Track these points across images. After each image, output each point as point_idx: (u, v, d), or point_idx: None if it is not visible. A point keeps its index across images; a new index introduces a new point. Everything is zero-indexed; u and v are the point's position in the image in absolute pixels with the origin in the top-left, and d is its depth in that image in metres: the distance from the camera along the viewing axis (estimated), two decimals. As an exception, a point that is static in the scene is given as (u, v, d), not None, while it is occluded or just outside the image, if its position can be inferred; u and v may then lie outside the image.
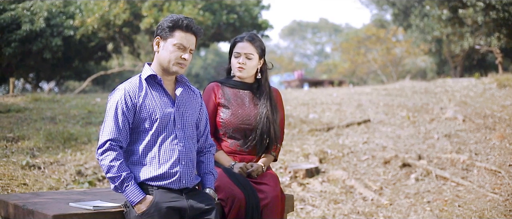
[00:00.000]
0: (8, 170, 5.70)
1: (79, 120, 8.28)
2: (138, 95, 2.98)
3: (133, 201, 2.88)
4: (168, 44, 3.00)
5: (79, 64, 20.38)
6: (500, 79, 12.76)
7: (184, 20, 3.01)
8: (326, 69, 37.07)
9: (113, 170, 2.87)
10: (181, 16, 3.03)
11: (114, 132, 2.91)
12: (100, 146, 2.91)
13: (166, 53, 3.00)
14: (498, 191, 6.08)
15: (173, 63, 3.01)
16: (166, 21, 3.02)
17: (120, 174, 2.88)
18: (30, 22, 15.88)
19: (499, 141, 7.72)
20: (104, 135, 2.92)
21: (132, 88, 2.99)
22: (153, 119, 2.97)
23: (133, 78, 3.06)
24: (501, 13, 14.34)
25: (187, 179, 3.03)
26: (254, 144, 3.57)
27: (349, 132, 8.65)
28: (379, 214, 5.72)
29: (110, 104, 2.99)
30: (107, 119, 2.95)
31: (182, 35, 3.00)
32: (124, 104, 2.95)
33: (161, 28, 3.02)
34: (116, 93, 3.00)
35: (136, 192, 2.89)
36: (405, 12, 24.56)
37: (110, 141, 2.90)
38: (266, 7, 19.62)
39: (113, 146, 2.90)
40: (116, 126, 2.92)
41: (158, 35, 3.03)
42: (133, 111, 2.97)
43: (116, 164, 2.88)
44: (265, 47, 3.67)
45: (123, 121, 2.94)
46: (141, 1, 17.04)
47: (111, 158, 2.88)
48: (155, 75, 3.03)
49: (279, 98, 3.72)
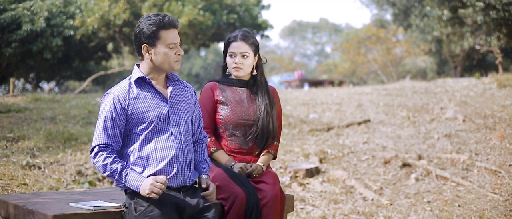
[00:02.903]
0: (8, 170, 5.70)
1: (79, 120, 8.28)
2: (128, 98, 2.99)
3: (137, 187, 2.89)
4: (160, 48, 2.98)
5: (79, 64, 20.38)
6: (500, 79, 12.76)
7: (163, 19, 2.98)
8: (326, 69, 37.07)
9: (108, 167, 2.91)
10: (157, 16, 2.99)
11: (103, 138, 2.95)
12: (91, 150, 2.97)
13: (161, 57, 2.99)
14: (498, 191, 6.08)
15: (171, 63, 3.01)
16: (146, 27, 2.97)
17: (115, 168, 2.91)
18: (30, 22, 15.89)
19: (499, 141, 7.72)
20: (94, 140, 2.97)
21: (121, 93, 3.00)
22: (146, 120, 2.97)
23: (123, 82, 3.07)
24: (501, 13, 14.33)
25: (185, 176, 3.03)
26: (254, 140, 3.57)
27: (349, 132, 8.65)
28: (379, 214, 5.72)
29: (101, 109, 3.01)
30: (98, 125, 2.98)
31: (168, 34, 2.99)
32: (114, 110, 2.96)
33: (144, 36, 2.97)
34: (106, 99, 3.01)
35: (137, 177, 2.91)
36: (405, 12, 24.56)
37: (98, 146, 2.95)
38: (266, 7, 19.62)
39: (102, 148, 2.94)
40: (105, 132, 2.95)
41: (144, 43, 2.99)
42: (124, 115, 2.98)
43: (109, 160, 2.92)
44: (258, 43, 3.66)
45: (112, 126, 2.96)
46: (141, 1, 17.04)
47: (103, 157, 2.92)
48: (144, 77, 3.03)
49: (276, 95, 3.72)
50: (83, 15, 16.92)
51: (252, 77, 3.66)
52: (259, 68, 3.66)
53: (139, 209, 2.90)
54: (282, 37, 56.73)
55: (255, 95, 3.62)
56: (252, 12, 18.87)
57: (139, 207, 2.90)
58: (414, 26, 23.62)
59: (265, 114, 3.57)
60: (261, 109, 3.58)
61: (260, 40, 21.30)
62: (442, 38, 21.21)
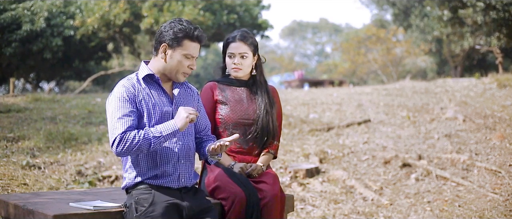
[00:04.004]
0: (8, 170, 5.70)
1: (79, 120, 8.28)
2: (137, 92, 2.96)
3: (175, 127, 2.86)
4: (177, 54, 2.96)
5: (79, 64, 20.39)
6: (500, 79, 12.76)
7: (194, 31, 2.96)
8: (326, 69, 37.05)
9: (137, 138, 2.82)
10: (189, 25, 2.97)
11: (123, 125, 2.85)
12: (113, 141, 2.85)
13: (174, 63, 2.97)
14: (498, 191, 6.08)
15: (180, 73, 2.99)
16: (174, 29, 2.94)
17: (146, 132, 2.84)
18: (30, 22, 15.89)
19: (499, 141, 7.72)
20: (115, 131, 2.84)
21: (130, 85, 2.96)
22: (151, 117, 2.95)
23: (131, 76, 3.03)
24: (501, 13, 14.33)
25: (186, 178, 3.03)
26: (254, 140, 3.57)
27: (349, 132, 8.65)
28: (379, 214, 5.72)
29: (111, 102, 2.93)
30: (114, 114, 2.88)
31: (192, 45, 2.97)
32: (126, 94, 2.91)
33: (169, 37, 2.95)
34: (116, 89, 2.95)
35: (167, 123, 2.87)
36: (405, 12, 24.57)
37: (119, 135, 2.83)
38: (266, 7, 19.63)
39: (123, 134, 2.84)
40: (122, 117, 2.86)
41: (166, 43, 2.96)
42: (134, 102, 2.93)
43: (134, 133, 2.83)
44: (257, 43, 3.65)
45: (130, 111, 2.89)
46: (141, 1, 17.05)
47: (128, 136, 2.82)
48: (153, 74, 3.01)
49: (276, 94, 3.72)
50: (83, 15, 16.92)
51: (251, 77, 3.66)
52: (258, 68, 3.66)
53: (140, 209, 2.89)
54: (282, 37, 56.75)
55: (254, 95, 3.62)
56: (252, 12, 18.88)
57: (140, 207, 2.90)
58: (414, 26, 23.62)
59: (265, 113, 3.57)
60: (260, 108, 3.58)
61: (260, 40, 21.30)
62: (442, 38, 21.20)
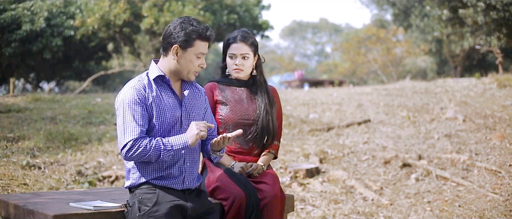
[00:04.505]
0: (8, 170, 5.70)
1: (79, 120, 8.29)
2: (147, 94, 2.94)
3: (186, 141, 2.88)
4: (188, 54, 2.96)
5: (79, 64, 20.38)
6: (500, 79, 12.76)
7: (206, 31, 2.96)
8: (326, 69, 37.05)
9: (148, 147, 2.84)
10: (200, 25, 2.97)
11: (136, 129, 2.86)
12: (124, 145, 2.85)
13: (186, 63, 2.97)
14: (498, 191, 6.08)
15: (192, 72, 3.00)
16: (186, 31, 2.93)
17: (157, 142, 2.85)
18: (30, 22, 15.89)
19: (499, 141, 7.72)
20: (126, 136, 2.85)
21: (141, 87, 2.94)
22: (161, 120, 2.95)
23: (141, 77, 3.01)
24: (502, 13, 14.33)
25: (190, 180, 3.04)
26: (254, 140, 3.57)
27: (349, 132, 8.65)
28: (379, 214, 5.72)
29: (123, 104, 2.91)
30: (125, 118, 2.87)
31: (202, 44, 2.98)
32: (136, 97, 2.90)
33: (181, 38, 2.93)
34: (126, 91, 2.93)
35: (178, 136, 2.90)
36: (405, 12, 24.56)
37: (132, 141, 2.84)
38: (266, 7, 19.62)
39: (135, 141, 2.85)
40: (135, 122, 2.86)
41: (177, 44, 2.94)
42: (144, 105, 2.92)
43: (145, 141, 2.84)
44: (257, 43, 3.65)
45: (142, 115, 2.89)
46: (141, 1, 17.04)
47: (140, 143, 2.84)
48: (163, 76, 3.00)
49: (275, 94, 3.72)
50: (83, 15, 16.92)
51: (251, 77, 3.66)
52: (258, 68, 3.66)
53: (143, 208, 2.89)
54: (282, 37, 56.74)
55: (254, 95, 3.62)
56: (252, 12, 18.87)
57: (143, 207, 2.90)
58: (414, 26, 23.61)
59: (265, 113, 3.57)
60: (260, 108, 3.58)
61: (260, 40, 21.29)
62: (442, 38, 21.21)
